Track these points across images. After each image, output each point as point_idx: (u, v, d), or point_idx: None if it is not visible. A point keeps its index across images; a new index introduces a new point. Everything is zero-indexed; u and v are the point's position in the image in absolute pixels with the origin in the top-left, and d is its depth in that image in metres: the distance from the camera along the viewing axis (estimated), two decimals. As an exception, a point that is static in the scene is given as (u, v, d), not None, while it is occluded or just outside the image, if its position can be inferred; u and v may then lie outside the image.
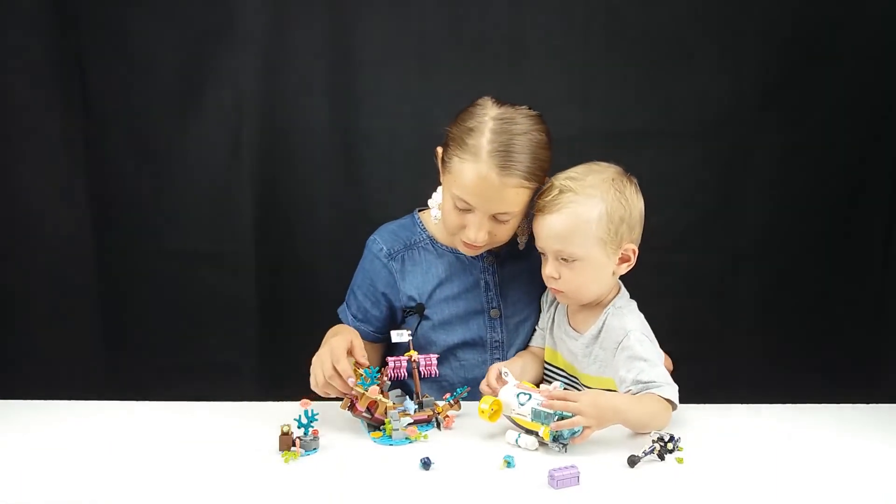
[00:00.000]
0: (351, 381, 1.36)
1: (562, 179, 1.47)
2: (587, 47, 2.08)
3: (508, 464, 1.24)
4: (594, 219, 1.43)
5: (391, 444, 1.34)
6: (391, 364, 1.47)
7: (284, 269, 2.16)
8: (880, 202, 2.15)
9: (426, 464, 1.23)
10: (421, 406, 1.43)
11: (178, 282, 2.15)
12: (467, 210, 1.50)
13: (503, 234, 1.54)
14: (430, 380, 1.60)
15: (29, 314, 2.12)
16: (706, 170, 2.14)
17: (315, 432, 1.32)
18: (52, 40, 2.01)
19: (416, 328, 1.61)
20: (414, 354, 1.48)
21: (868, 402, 1.55)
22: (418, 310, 1.61)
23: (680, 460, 1.26)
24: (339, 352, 1.39)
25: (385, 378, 1.44)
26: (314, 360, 1.43)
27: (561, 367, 1.57)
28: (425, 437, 1.37)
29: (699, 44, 2.08)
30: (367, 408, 1.38)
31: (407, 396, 1.46)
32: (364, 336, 1.60)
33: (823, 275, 2.19)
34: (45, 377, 2.03)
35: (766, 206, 2.16)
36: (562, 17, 2.07)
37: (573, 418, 1.28)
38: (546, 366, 1.61)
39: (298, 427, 1.30)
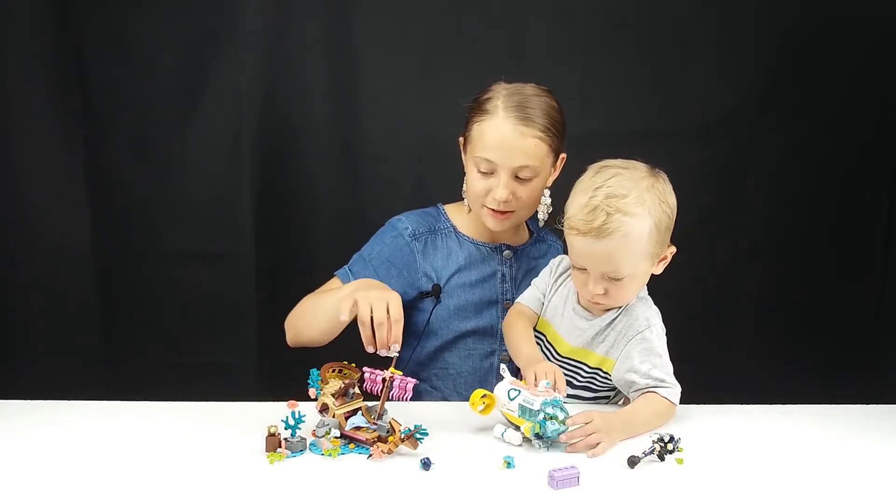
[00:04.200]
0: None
1: (603, 199, 1.37)
2: (587, 48, 2.09)
3: (508, 464, 1.24)
4: (645, 237, 1.39)
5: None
6: (367, 375, 1.37)
7: (284, 269, 2.16)
8: (880, 202, 2.16)
9: (426, 464, 1.23)
10: (380, 418, 1.33)
11: (178, 282, 2.15)
12: (490, 172, 1.57)
13: (526, 196, 1.59)
14: (437, 366, 1.66)
15: (29, 314, 2.12)
16: (706, 170, 2.14)
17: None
18: (52, 40, 2.00)
19: (432, 312, 1.64)
20: (394, 373, 1.34)
21: (868, 402, 1.55)
22: (434, 292, 1.64)
23: (680, 461, 1.26)
24: (398, 304, 1.42)
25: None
26: (361, 289, 1.48)
27: (550, 340, 1.55)
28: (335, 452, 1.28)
29: (699, 44, 2.09)
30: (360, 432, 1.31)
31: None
32: None
33: (823, 275, 2.19)
34: (45, 377, 2.03)
35: (766, 206, 2.16)
36: (562, 18, 2.07)
37: (585, 429, 1.30)
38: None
39: (286, 428, 1.29)
